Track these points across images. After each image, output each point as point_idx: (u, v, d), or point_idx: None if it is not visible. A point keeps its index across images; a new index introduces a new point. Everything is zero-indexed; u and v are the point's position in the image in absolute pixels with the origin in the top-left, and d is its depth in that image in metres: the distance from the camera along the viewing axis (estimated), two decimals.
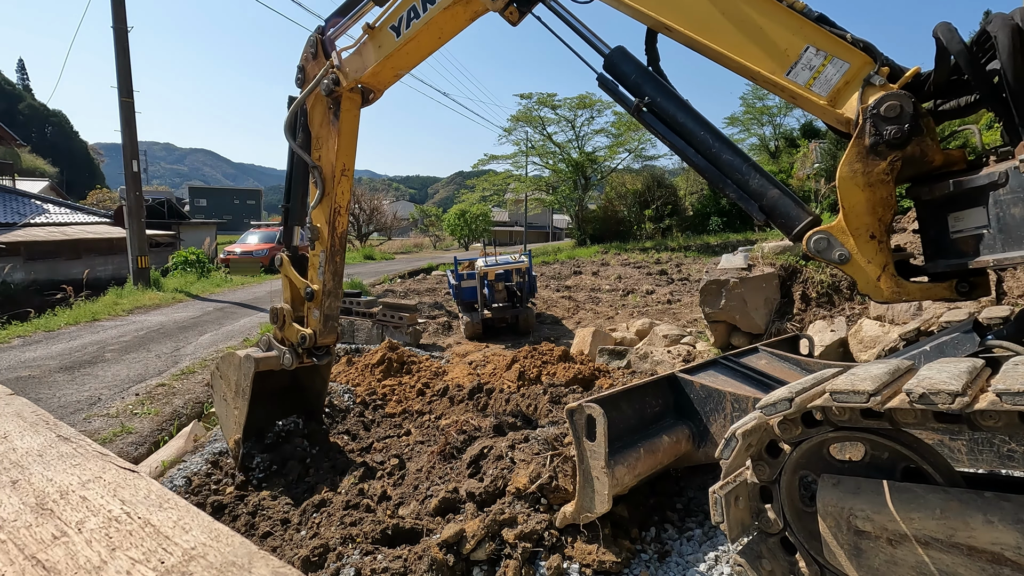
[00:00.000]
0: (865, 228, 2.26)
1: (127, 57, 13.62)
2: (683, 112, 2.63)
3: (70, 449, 1.78)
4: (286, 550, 2.90)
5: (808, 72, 2.33)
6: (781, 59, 2.36)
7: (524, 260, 8.79)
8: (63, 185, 44.87)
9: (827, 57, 2.29)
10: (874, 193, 2.21)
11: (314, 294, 3.86)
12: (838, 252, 2.30)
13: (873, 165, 2.17)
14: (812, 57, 2.32)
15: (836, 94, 2.29)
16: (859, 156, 2.20)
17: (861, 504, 1.73)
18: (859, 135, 2.18)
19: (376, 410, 5.08)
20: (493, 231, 37.45)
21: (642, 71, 2.72)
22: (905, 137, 2.10)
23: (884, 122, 2.11)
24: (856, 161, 2.21)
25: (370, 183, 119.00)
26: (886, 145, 2.13)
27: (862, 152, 2.19)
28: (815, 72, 2.32)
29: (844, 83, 2.26)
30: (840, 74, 2.27)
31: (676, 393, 3.06)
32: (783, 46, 2.36)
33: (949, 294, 2.31)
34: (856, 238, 2.27)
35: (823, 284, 6.16)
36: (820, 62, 2.31)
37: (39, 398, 5.41)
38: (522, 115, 28.39)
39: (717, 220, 23.08)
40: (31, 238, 17.61)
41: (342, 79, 3.62)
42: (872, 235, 2.25)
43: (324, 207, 3.79)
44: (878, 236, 2.25)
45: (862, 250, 2.27)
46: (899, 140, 2.11)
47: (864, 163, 2.19)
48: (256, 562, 1.20)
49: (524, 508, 2.71)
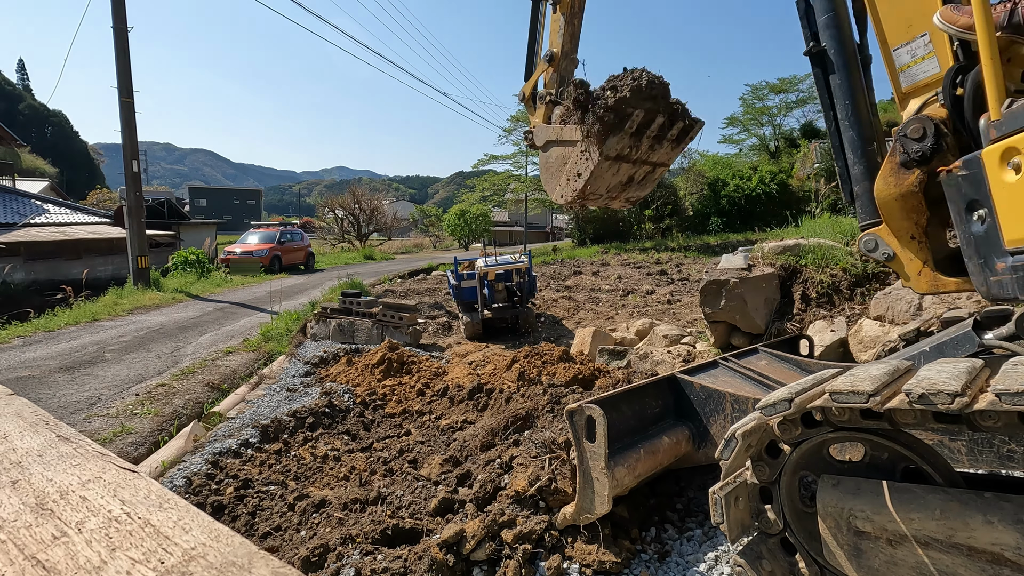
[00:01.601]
0: (905, 231, 2.49)
1: (127, 57, 13.62)
2: (844, 73, 2.67)
3: (70, 449, 1.78)
4: (286, 550, 2.90)
5: (908, 57, 2.41)
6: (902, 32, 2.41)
7: (524, 260, 8.79)
8: (63, 185, 44.86)
9: (930, 52, 2.34)
10: (906, 202, 2.41)
11: (553, 56, 3.93)
12: (883, 251, 2.57)
13: (903, 178, 2.37)
14: (920, 46, 2.37)
15: (912, 91, 2.43)
16: (892, 171, 2.41)
17: (861, 505, 1.73)
18: (892, 152, 2.40)
19: (376, 410, 5.08)
20: (493, 231, 37.43)
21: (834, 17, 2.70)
22: (927, 156, 2.27)
23: (910, 142, 2.31)
24: (889, 175, 2.42)
25: (370, 183, 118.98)
26: (912, 161, 2.32)
27: (894, 167, 2.40)
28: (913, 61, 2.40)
29: (924, 84, 2.39)
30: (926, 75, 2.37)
31: (676, 394, 3.06)
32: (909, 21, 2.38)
33: None
34: (898, 239, 2.52)
35: (823, 284, 6.16)
36: (923, 54, 2.37)
37: (39, 398, 5.41)
38: (522, 115, 28.39)
39: (717, 220, 23.07)
40: (31, 238, 17.61)
41: None
42: (912, 236, 2.49)
43: None
44: (918, 237, 2.48)
45: (904, 249, 2.52)
46: (922, 157, 2.29)
47: (896, 177, 2.40)
48: (256, 562, 1.20)
49: (524, 511, 2.71)
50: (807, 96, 31.31)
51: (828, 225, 7.95)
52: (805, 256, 6.47)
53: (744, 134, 31.71)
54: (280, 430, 4.48)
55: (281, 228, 23.49)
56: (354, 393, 5.41)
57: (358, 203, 36.60)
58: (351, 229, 36.85)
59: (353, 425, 4.71)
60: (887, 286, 5.51)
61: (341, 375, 6.06)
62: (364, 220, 36.95)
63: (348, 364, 6.32)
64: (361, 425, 4.74)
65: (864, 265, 6.07)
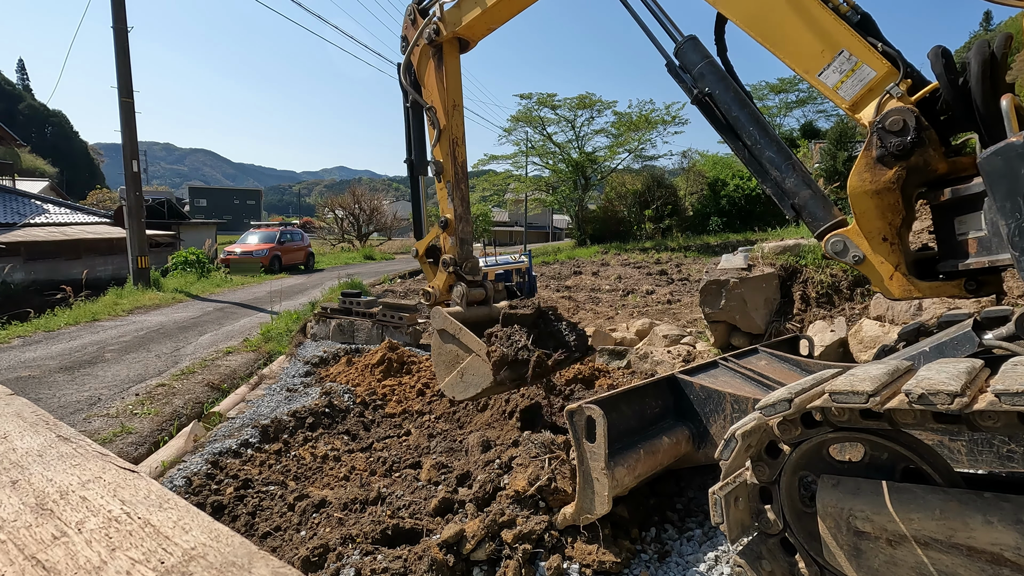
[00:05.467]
0: (877, 232, 2.40)
1: (127, 57, 13.62)
2: (737, 107, 2.77)
3: (70, 449, 1.78)
4: (286, 550, 2.90)
5: (837, 75, 2.45)
6: (817, 59, 2.49)
7: (524, 260, 8.79)
8: (63, 185, 44.87)
9: (857, 63, 2.40)
10: (882, 200, 2.33)
11: (448, 222, 4.13)
12: (853, 254, 2.46)
13: (880, 174, 2.29)
14: (844, 61, 2.43)
15: (859, 99, 2.41)
16: (867, 166, 2.33)
17: (861, 505, 1.73)
18: (867, 146, 2.32)
19: (376, 410, 5.08)
20: (493, 231, 37.44)
21: (708, 64, 2.85)
22: (908, 149, 2.21)
23: (889, 135, 2.24)
24: (864, 171, 2.33)
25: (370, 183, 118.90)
26: (891, 156, 2.25)
27: (870, 162, 2.32)
28: (844, 76, 2.44)
29: (867, 90, 2.38)
30: (864, 82, 2.39)
31: (676, 394, 3.06)
32: (820, 47, 2.48)
33: (957, 292, 2.41)
34: (869, 241, 2.42)
35: (823, 284, 6.16)
36: (850, 67, 2.42)
37: (39, 398, 5.40)
38: (522, 115, 28.42)
39: (717, 220, 23.09)
40: (31, 238, 17.61)
41: (442, 29, 4.00)
42: (884, 238, 2.39)
43: (444, 142, 4.13)
44: (890, 239, 2.39)
45: (875, 252, 2.42)
46: (902, 152, 2.22)
47: (872, 172, 2.32)
48: (256, 562, 1.20)
49: (524, 511, 2.71)
50: (807, 96, 31.36)
51: None
52: (805, 256, 6.48)
53: None
54: (280, 430, 4.48)
55: (281, 228, 23.51)
56: (354, 393, 5.40)
57: (358, 203, 36.62)
58: (351, 229, 36.86)
59: (353, 425, 4.71)
60: None
61: (341, 375, 6.06)
62: (364, 220, 36.96)
63: (348, 364, 6.31)
64: (361, 425, 4.74)
65: None
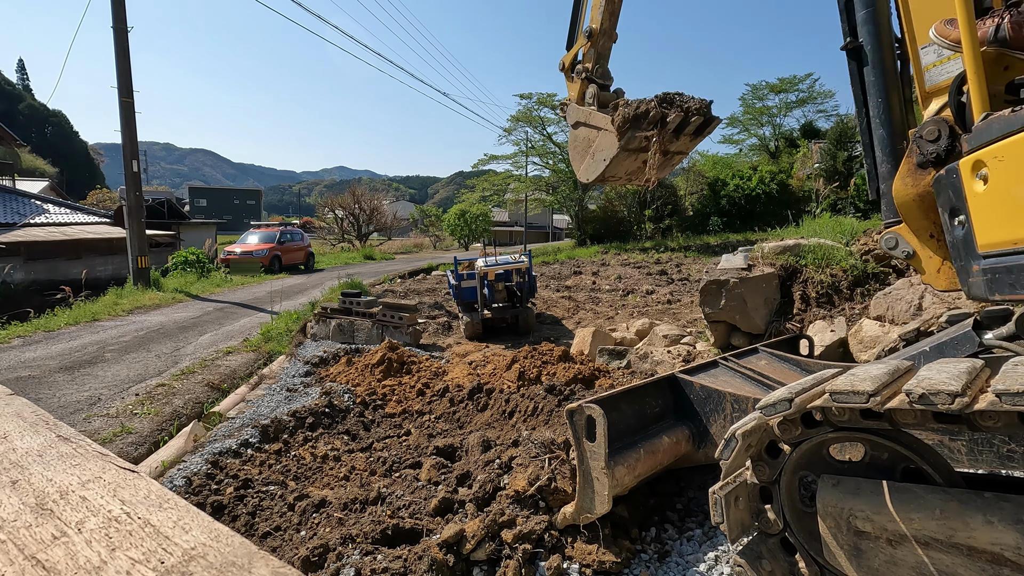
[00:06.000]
0: (923, 229, 2.53)
1: (127, 57, 13.62)
2: (878, 71, 2.67)
3: (70, 449, 1.77)
4: (286, 550, 2.90)
5: (934, 56, 2.39)
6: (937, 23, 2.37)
7: (524, 260, 8.78)
8: (63, 185, 44.84)
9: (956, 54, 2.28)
10: (923, 201, 2.43)
11: (592, 32, 4.11)
12: (903, 249, 2.62)
13: (920, 179, 2.41)
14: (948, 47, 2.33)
15: (934, 91, 2.42)
16: (909, 171, 2.44)
17: (861, 504, 1.73)
18: (909, 153, 2.42)
19: (376, 410, 5.08)
20: (493, 231, 37.45)
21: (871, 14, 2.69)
22: (942, 157, 2.29)
23: (926, 143, 2.33)
24: (907, 176, 2.45)
25: (370, 183, 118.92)
26: (928, 163, 2.35)
27: (912, 168, 2.43)
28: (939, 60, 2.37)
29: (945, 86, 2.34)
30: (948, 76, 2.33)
31: (676, 394, 3.06)
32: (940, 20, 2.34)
33: None
34: (918, 237, 2.56)
35: (823, 284, 6.16)
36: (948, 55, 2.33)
37: (39, 398, 5.40)
38: (522, 115, 28.40)
39: (717, 220, 23.08)
40: (31, 238, 17.60)
41: None
42: (931, 235, 2.52)
43: None
44: (936, 235, 2.50)
45: (923, 247, 2.56)
46: (937, 159, 2.31)
47: (913, 177, 2.43)
48: (256, 562, 1.20)
49: (524, 511, 2.71)
50: (807, 96, 31.33)
51: (828, 225, 7.94)
52: (805, 256, 6.47)
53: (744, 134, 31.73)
54: (280, 430, 4.48)
55: (281, 228, 23.50)
56: (354, 393, 5.40)
57: (358, 203, 36.62)
58: (351, 229, 36.85)
59: (353, 425, 4.71)
60: (887, 286, 5.51)
61: (341, 375, 6.06)
62: (364, 220, 36.97)
63: (348, 364, 6.31)
64: (361, 425, 4.74)
65: (864, 265, 6.07)
